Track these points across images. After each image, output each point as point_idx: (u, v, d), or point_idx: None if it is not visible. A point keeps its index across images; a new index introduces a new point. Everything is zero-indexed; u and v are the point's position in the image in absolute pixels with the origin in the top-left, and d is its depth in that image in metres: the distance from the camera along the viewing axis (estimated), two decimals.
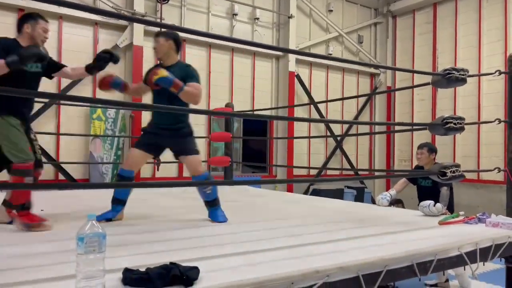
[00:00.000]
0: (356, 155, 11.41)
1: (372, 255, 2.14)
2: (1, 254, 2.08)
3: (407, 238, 2.64)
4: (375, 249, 2.27)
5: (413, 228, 3.03)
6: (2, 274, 1.74)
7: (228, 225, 3.09)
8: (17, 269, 1.82)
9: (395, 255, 2.19)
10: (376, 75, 11.87)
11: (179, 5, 8.70)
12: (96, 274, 1.51)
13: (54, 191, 5.25)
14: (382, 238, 2.62)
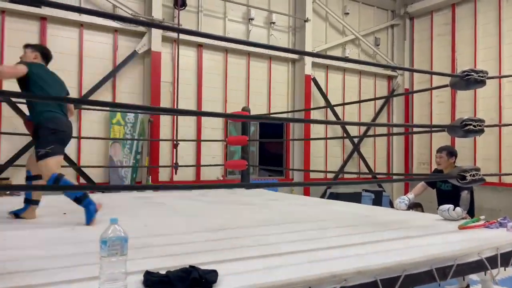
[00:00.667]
0: (373, 158, 11.32)
1: (390, 259, 2.13)
2: (26, 256, 2.15)
3: (426, 242, 2.62)
4: (393, 254, 2.26)
5: (432, 232, 3.00)
6: (28, 276, 1.80)
7: (246, 228, 3.11)
8: (42, 270, 1.88)
9: (413, 259, 2.17)
10: (393, 77, 11.77)
11: (196, 10, 8.81)
12: (119, 277, 1.55)
13: None
14: (400, 242, 2.60)
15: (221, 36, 8.08)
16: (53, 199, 4.76)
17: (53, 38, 7.34)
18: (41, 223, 3.31)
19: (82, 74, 7.57)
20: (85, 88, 7.54)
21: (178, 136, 8.10)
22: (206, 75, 8.89)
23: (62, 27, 7.43)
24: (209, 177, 8.76)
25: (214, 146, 8.89)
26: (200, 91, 8.79)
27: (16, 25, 7.04)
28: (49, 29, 7.30)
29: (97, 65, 7.70)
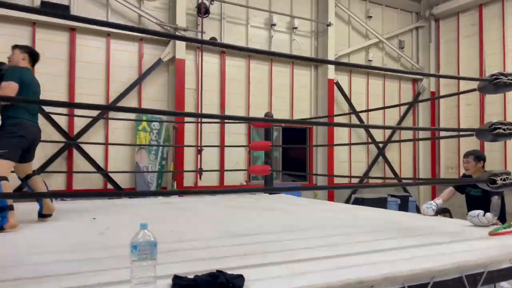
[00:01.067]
0: (399, 162, 11.14)
1: (419, 266, 2.10)
2: (58, 259, 2.23)
3: (456, 249, 2.56)
4: (422, 260, 2.22)
5: (461, 238, 2.93)
6: (62, 279, 1.87)
7: (271, 233, 3.12)
8: (74, 274, 1.95)
9: (443, 266, 2.13)
10: (419, 80, 11.57)
11: (219, 18, 8.92)
12: (149, 280, 1.59)
13: (103, 200, 5.52)
14: (428, 249, 2.55)
15: (242, 47, 8.17)
16: (82, 204, 4.90)
17: (82, 48, 7.58)
18: (72, 227, 3.41)
19: (109, 82, 7.78)
20: (112, 96, 7.74)
21: (202, 142, 8.20)
22: (229, 81, 8.98)
23: (91, 37, 7.67)
24: (233, 182, 8.82)
25: (238, 151, 8.94)
26: (223, 97, 8.88)
27: (46, 36, 7.31)
28: (78, 39, 7.55)
29: (123, 73, 7.90)
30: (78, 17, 2.29)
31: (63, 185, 7.33)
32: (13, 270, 2.01)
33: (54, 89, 7.27)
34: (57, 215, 3.98)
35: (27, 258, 2.28)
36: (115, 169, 7.66)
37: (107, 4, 7.78)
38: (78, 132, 7.42)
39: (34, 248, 2.59)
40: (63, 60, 7.45)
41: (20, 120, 3.48)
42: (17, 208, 3.60)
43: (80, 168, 7.40)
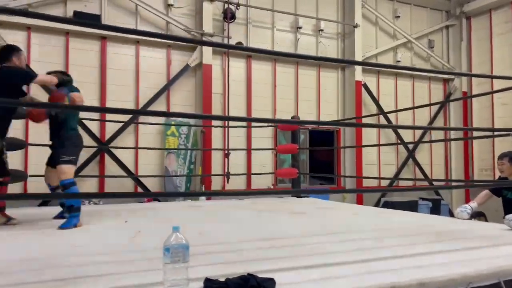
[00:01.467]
0: (430, 164, 10.86)
1: (454, 271, 2.04)
2: (94, 261, 2.29)
3: (492, 253, 2.48)
4: (457, 265, 2.16)
5: (498, 243, 2.83)
6: (97, 280, 1.92)
7: (300, 237, 3.11)
8: (108, 276, 2.00)
9: (479, 271, 2.06)
10: (450, 80, 11.27)
11: (245, 22, 8.98)
12: (181, 283, 1.61)
13: (134, 203, 5.64)
14: (464, 254, 2.48)
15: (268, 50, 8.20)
16: (115, 208, 5.02)
17: (112, 56, 7.79)
18: (105, 230, 3.50)
19: (138, 89, 7.95)
20: (141, 102, 7.91)
21: (229, 146, 8.26)
22: (256, 85, 9.01)
23: (121, 45, 7.87)
24: (260, 185, 8.82)
25: (264, 155, 8.95)
26: (249, 101, 8.92)
27: (79, 45, 7.56)
28: (108, 47, 7.76)
29: (152, 79, 8.06)
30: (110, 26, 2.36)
31: (95, 189, 7.53)
32: (52, 271, 2.08)
33: (86, 96, 7.47)
34: (90, 218, 4.10)
35: (64, 259, 2.36)
36: (145, 173, 7.81)
37: (136, 12, 7.97)
38: (110, 137, 7.62)
39: (70, 250, 2.67)
40: (95, 68, 7.68)
41: (77, 130, 3.96)
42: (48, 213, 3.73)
43: (111, 172, 7.59)
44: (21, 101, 3.46)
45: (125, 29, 2.39)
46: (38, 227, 3.59)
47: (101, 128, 7.61)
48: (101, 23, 7.49)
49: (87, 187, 7.46)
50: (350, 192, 10.65)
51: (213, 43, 5.48)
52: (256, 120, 4.52)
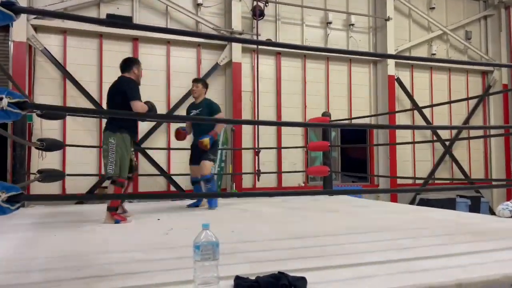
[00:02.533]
0: (468, 161, 10.45)
1: (496, 271, 1.94)
2: (127, 259, 2.33)
3: None
4: (499, 265, 2.05)
5: None
6: (128, 277, 1.95)
7: (333, 236, 3.05)
8: (142, 273, 2.02)
9: None
10: (489, 73, 10.79)
11: (274, 19, 8.93)
12: (212, 280, 1.61)
13: (165, 201, 5.72)
14: (506, 253, 2.35)
15: (298, 45, 8.12)
16: (148, 206, 5.11)
17: (144, 56, 7.93)
18: (138, 228, 3.57)
19: (169, 88, 8.07)
20: (172, 102, 8.02)
21: (260, 144, 8.24)
22: (285, 82, 8.94)
23: (152, 45, 8.01)
24: (291, 183, 8.76)
25: (295, 152, 8.87)
26: (279, 99, 8.87)
27: (112, 46, 7.74)
28: (140, 48, 7.91)
29: (183, 79, 8.15)
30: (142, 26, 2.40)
31: (130, 187, 7.69)
32: (87, 268, 2.13)
33: None
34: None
35: (98, 256, 2.41)
36: (178, 171, 7.92)
37: (166, 13, 8.09)
38: (143, 136, 7.77)
39: (104, 247, 2.73)
40: None
41: None
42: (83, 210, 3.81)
43: (145, 171, 7.75)
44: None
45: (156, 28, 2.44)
46: (75, 225, 3.70)
47: None
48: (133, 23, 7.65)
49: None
50: (383, 192, 10.40)
51: (241, 39, 5.49)
52: (283, 124, 4.42)
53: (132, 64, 4.07)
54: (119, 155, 3.81)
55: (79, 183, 7.22)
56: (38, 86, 7.27)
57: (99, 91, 7.57)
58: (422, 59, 10.12)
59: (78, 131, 7.41)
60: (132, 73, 4.04)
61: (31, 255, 2.48)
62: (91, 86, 7.51)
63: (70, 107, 6.73)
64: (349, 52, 8.18)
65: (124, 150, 3.85)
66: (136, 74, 4.07)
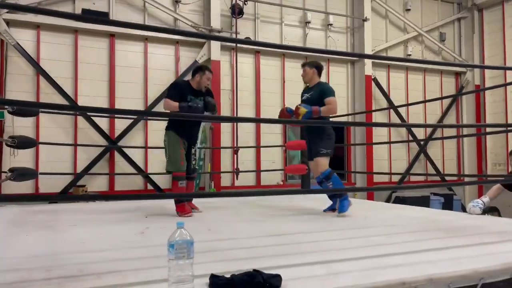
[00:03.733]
0: (442, 159, 10.72)
1: (465, 267, 2.00)
2: (102, 258, 2.29)
3: (505, 249, 2.42)
4: (469, 261, 2.12)
5: (511, 238, 2.77)
6: (102, 277, 1.92)
7: (309, 233, 3.08)
8: (115, 272, 1.99)
9: (491, 267, 2.02)
10: (462, 74, 11.09)
11: (253, 18, 8.94)
12: (186, 279, 1.60)
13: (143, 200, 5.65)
14: (476, 249, 2.43)
15: (276, 44, 8.13)
16: (124, 204, 5.04)
17: (120, 53, 7.82)
18: (113, 227, 3.51)
19: (147, 86, 7.97)
20: (150, 99, 7.93)
21: (238, 142, 8.24)
22: (264, 81, 8.97)
23: (129, 42, 7.89)
24: (270, 181, 8.80)
25: (274, 151, 8.91)
26: (258, 97, 8.89)
27: (88, 42, 7.59)
28: (117, 45, 7.79)
29: (160, 76, 8.07)
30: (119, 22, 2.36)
31: (106, 187, 7.58)
32: (59, 268, 2.09)
33: (97, 94, 7.55)
34: (99, 215, 4.12)
35: (71, 256, 2.37)
36: (155, 170, 7.84)
37: (144, 9, 7.98)
38: (119, 134, 7.65)
39: (77, 247, 2.68)
40: (103, 65, 7.71)
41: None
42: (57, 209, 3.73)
43: (121, 169, 7.64)
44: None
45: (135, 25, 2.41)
46: (48, 224, 3.62)
47: (111, 125, 7.65)
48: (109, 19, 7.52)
49: (97, 184, 7.52)
50: (359, 190, 10.54)
51: (219, 37, 5.47)
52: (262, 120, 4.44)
53: (196, 71, 4.20)
54: (169, 151, 4.08)
55: (52, 182, 7.06)
56: (10, 82, 7.07)
57: (74, 88, 7.41)
58: (398, 59, 10.31)
59: (52, 128, 7.25)
60: (194, 80, 4.16)
61: (1, 255, 2.41)
62: (66, 83, 7.35)
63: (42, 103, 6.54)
64: (326, 52, 8.26)
65: (172, 146, 4.08)
66: (197, 81, 4.15)
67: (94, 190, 7.42)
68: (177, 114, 3.97)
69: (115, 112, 6.95)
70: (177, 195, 4.55)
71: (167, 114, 4.99)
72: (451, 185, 3.69)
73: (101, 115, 7.31)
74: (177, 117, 4.14)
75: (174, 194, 5.01)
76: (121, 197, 6.24)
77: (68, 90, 7.33)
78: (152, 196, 6.56)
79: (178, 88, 4.14)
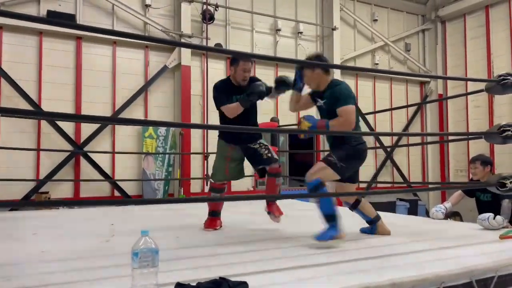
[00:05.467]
0: (407, 166, 11.03)
1: (427, 270, 2.06)
2: (65, 267, 2.22)
3: (465, 253, 2.51)
4: (430, 265, 2.18)
5: (471, 242, 2.87)
6: (66, 286, 1.85)
7: (276, 240, 3.09)
8: (79, 282, 1.93)
9: (452, 271, 2.09)
10: (426, 83, 11.49)
11: (224, 24, 8.95)
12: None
13: (109, 207, 5.51)
14: (437, 253, 2.50)
15: (245, 53, 8.15)
16: (89, 212, 4.91)
17: (88, 56, 7.64)
18: (77, 235, 3.40)
19: (115, 90, 7.81)
20: (118, 104, 7.77)
21: (209, 148, 8.19)
22: None
23: (97, 45, 7.72)
24: (240, 187, 8.77)
25: None
26: None
27: (53, 45, 7.38)
28: (84, 48, 7.60)
29: (129, 80, 7.93)
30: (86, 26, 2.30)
31: (71, 193, 7.35)
32: (19, 279, 2.00)
33: (61, 97, 7.32)
34: (63, 223, 3.99)
35: (32, 266, 2.28)
36: (122, 176, 7.67)
37: (113, 12, 7.84)
38: (85, 139, 7.45)
39: (41, 256, 2.58)
40: (69, 69, 7.50)
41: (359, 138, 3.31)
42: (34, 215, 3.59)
43: (87, 175, 7.43)
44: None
45: (103, 30, 2.36)
46: (8, 233, 3.47)
47: (76, 130, 7.44)
48: (76, 22, 7.34)
49: (61, 191, 7.28)
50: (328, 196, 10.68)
51: (191, 44, 5.45)
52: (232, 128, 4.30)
53: (231, 64, 3.60)
54: (215, 160, 3.84)
55: (13, 189, 6.78)
56: None
57: (37, 91, 7.17)
58: (365, 69, 10.55)
59: (13, 133, 6.97)
60: (231, 74, 3.60)
61: None
62: (29, 86, 7.10)
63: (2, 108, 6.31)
64: (295, 61, 8.35)
65: (217, 155, 3.84)
66: (233, 76, 3.58)
67: (58, 197, 7.18)
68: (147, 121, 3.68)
69: (83, 118, 6.76)
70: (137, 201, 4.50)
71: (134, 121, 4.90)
72: (416, 190, 3.79)
73: (66, 120, 7.09)
74: (147, 125, 4.02)
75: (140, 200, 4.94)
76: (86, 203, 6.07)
77: (31, 93, 7.08)
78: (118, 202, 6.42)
79: (220, 91, 3.58)
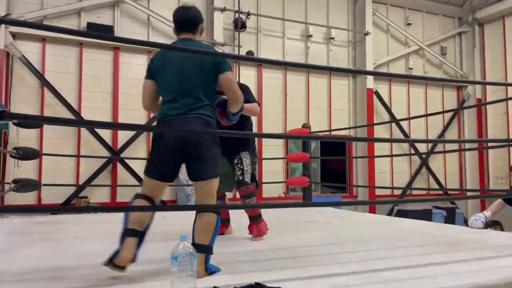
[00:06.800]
0: (444, 173, 10.71)
1: (466, 281, 2.00)
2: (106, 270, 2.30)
3: (506, 263, 2.43)
4: (469, 275, 2.12)
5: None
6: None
7: (310, 246, 3.09)
8: (119, 285, 2.01)
9: (491, 281, 2.02)
10: (463, 87, 11.15)
11: (255, 31, 9.04)
12: None
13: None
14: (476, 264, 2.43)
15: (277, 61, 8.17)
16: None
17: (125, 65, 7.90)
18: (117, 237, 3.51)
19: None
20: None
21: None
22: (266, 93, 9.03)
23: (133, 55, 7.98)
24: (271, 194, 8.80)
25: (275, 163, 8.93)
26: (260, 109, 8.90)
27: (92, 55, 7.69)
28: (121, 57, 7.88)
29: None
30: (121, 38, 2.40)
31: (108, 198, 7.60)
32: (62, 281, 2.09)
33: (99, 105, 7.61)
34: (100, 226, 4.12)
35: (77, 268, 2.38)
36: None
37: (148, 22, 8.10)
38: (122, 145, 7.70)
39: (84, 259, 2.69)
40: (107, 77, 7.80)
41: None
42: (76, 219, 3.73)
43: (123, 180, 7.66)
44: None
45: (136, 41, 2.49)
46: (51, 236, 3.64)
47: (113, 136, 7.70)
48: (113, 34, 7.62)
49: (100, 195, 7.54)
50: (361, 204, 10.53)
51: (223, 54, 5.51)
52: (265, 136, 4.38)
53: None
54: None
55: (55, 193, 7.09)
56: (15, 94, 7.16)
57: (77, 100, 7.48)
58: (399, 75, 10.38)
59: (55, 140, 7.30)
60: None
61: (5, 267, 2.43)
62: (70, 95, 7.43)
63: (47, 117, 6.62)
64: (328, 68, 8.35)
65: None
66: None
67: (96, 201, 7.45)
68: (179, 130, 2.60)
69: (120, 126, 7.02)
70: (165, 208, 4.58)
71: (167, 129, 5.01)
72: (453, 199, 3.69)
73: (104, 127, 7.37)
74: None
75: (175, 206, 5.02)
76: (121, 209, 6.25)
77: (72, 102, 7.41)
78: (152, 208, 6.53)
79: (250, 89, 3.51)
